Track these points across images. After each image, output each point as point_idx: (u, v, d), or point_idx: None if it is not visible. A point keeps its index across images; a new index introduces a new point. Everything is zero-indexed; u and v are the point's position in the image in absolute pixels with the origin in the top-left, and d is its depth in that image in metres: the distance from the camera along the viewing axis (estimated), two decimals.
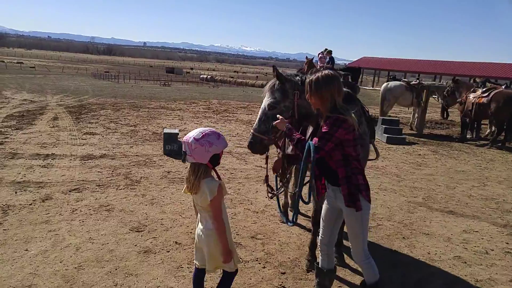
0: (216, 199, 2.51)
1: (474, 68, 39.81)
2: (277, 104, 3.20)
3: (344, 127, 2.63)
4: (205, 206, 2.54)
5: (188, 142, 2.48)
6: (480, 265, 4.22)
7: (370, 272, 2.96)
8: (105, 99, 17.31)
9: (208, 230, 2.58)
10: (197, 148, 2.46)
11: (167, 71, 64.30)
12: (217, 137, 2.55)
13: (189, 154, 2.49)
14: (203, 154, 2.49)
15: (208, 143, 2.48)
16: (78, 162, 6.88)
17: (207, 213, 2.58)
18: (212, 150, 2.50)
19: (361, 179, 2.77)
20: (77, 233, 4.21)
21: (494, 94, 11.28)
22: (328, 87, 2.69)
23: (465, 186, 7.33)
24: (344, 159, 2.73)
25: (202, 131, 2.53)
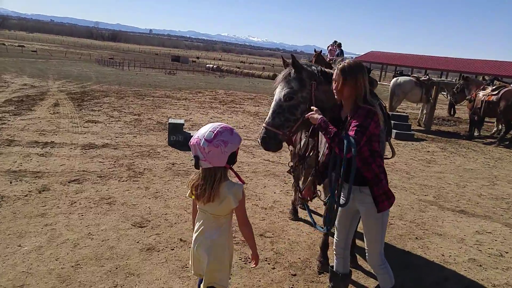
0: (241, 203, 2.24)
1: (481, 66, 39.25)
2: (294, 95, 2.95)
3: (375, 120, 2.47)
4: (222, 214, 2.25)
5: (200, 146, 2.13)
6: (496, 268, 4.04)
7: (385, 278, 2.80)
8: (109, 86, 17.08)
9: (211, 240, 2.26)
10: (211, 151, 2.13)
11: (173, 59, 63.96)
12: (231, 132, 2.21)
13: (203, 159, 2.15)
14: (220, 157, 2.16)
15: (223, 143, 2.15)
16: (78, 151, 6.67)
17: (218, 221, 2.27)
18: (229, 149, 2.17)
19: (385, 178, 2.63)
20: (75, 228, 4.00)
21: (504, 92, 11.16)
22: (362, 73, 2.54)
23: (475, 185, 7.13)
24: (371, 155, 2.56)
25: (212, 129, 2.17)
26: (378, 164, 2.59)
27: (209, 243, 2.26)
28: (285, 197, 5.57)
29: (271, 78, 39.71)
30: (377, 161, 2.59)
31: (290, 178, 6.35)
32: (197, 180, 2.24)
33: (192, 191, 2.26)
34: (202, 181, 2.19)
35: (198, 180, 2.22)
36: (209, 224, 2.28)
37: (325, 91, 2.94)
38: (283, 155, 7.80)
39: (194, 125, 9.89)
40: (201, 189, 2.19)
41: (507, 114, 11.14)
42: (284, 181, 6.27)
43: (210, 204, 2.21)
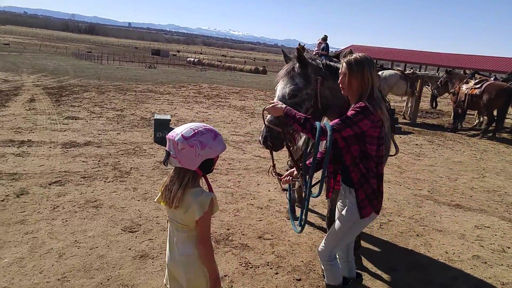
0: (206, 216, 1.93)
1: (459, 60, 40.05)
2: (299, 92, 2.73)
3: (371, 119, 2.27)
4: (189, 225, 1.96)
5: (174, 140, 1.88)
6: (501, 265, 3.96)
7: (330, 275, 2.68)
8: (87, 80, 16.45)
9: (187, 256, 1.97)
10: (184, 149, 1.87)
11: (153, 53, 62.84)
12: (213, 137, 1.94)
13: (173, 155, 1.89)
14: (192, 158, 1.89)
15: (200, 144, 1.88)
16: (59, 150, 6.27)
17: (186, 233, 1.98)
18: (204, 154, 1.90)
19: (375, 184, 2.43)
20: (59, 235, 3.67)
21: (487, 86, 11.32)
22: (370, 67, 2.36)
23: (466, 177, 7.14)
24: (362, 156, 2.38)
25: (194, 127, 1.93)
26: (366, 166, 2.39)
27: (185, 259, 1.98)
28: (280, 195, 5.37)
29: (253, 72, 39.47)
30: (367, 164, 2.39)
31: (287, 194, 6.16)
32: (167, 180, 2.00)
33: (162, 194, 1.99)
34: (170, 182, 1.95)
35: (168, 180, 1.99)
36: (181, 236, 1.99)
37: (330, 88, 2.75)
38: (278, 154, 7.60)
39: (179, 120, 9.56)
40: (167, 191, 1.94)
41: (490, 107, 11.32)
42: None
43: (175, 210, 1.94)
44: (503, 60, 37.81)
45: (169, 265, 2.06)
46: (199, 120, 9.90)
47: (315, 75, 2.74)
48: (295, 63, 2.79)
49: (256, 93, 17.83)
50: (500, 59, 38.50)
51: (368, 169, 2.40)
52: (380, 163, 2.44)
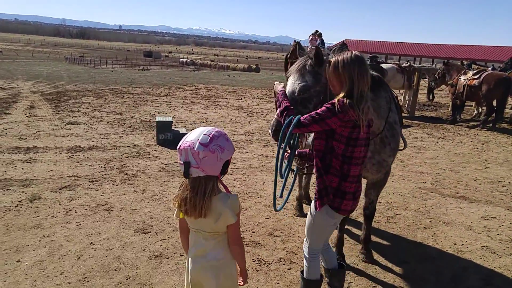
0: (238, 217, 1.94)
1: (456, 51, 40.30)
2: (308, 89, 2.77)
3: (340, 117, 2.23)
4: (220, 231, 1.94)
5: (194, 150, 1.81)
6: (510, 254, 4.04)
7: (307, 270, 2.73)
8: (83, 85, 16.40)
9: (217, 260, 1.96)
10: (206, 157, 1.82)
11: (145, 55, 62.61)
12: (226, 138, 1.93)
13: (195, 165, 1.82)
14: (215, 164, 1.85)
15: (220, 148, 1.86)
16: (65, 155, 6.29)
17: (216, 239, 1.96)
18: (225, 156, 1.89)
19: (334, 182, 2.39)
20: (75, 238, 3.72)
21: (485, 76, 11.31)
22: (348, 68, 2.28)
23: (468, 169, 7.21)
24: (327, 151, 2.38)
25: (207, 132, 1.88)
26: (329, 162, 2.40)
27: (216, 264, 1.96)
28: (286, 192, 5.40)
29: (246, 70, 39.48)
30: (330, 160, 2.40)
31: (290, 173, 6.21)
32: (184, 193, 1.91)
33: (180, 208, 1.92)
34: (191, 193, 1.87)
35: (186, 193, 1.90)
36: (209, 244, 1.96)
37: None
38: (276, 149, 7.65)
39: (180, 122, 9.59)
40: (190, 202, 1.86)
41: (489, 97, 11.33)
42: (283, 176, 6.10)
43: (203, 220, 1.88)
44: (499, 49, 38.10)
45: (194, 274, 1.99)
46: (199, 121, 9.94)
47: (324, 80, 2.72)
48: (307, 60, 2.82)
49: (253, 91, 17.87)
50: (496, 48, 38.79)
51: (330, 166, 2.38)
52: (349, 164, 2.36)
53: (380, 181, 3.58)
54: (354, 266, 3.61)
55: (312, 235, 2.62)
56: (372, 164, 3.26)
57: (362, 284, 3.34)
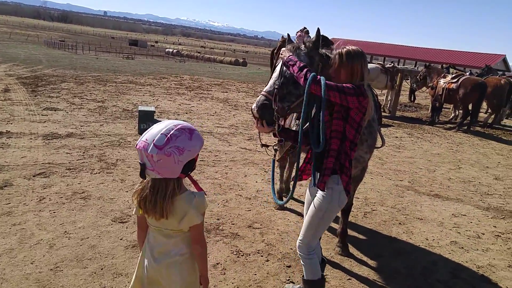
0: (203, 216, 1.84)
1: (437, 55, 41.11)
2: None
3: (360, 100, 2.33)
4: (183, 229, 1.83)
5: (147, 153, 1.65)
6: (477, 250, 4.20)
7: (308, 270, 2.66)
8: (63, 70, 15.98)
9: (180, 256, 1.87)
10: (161, 160, 1.65)
11: (130, 43, 61.40)
12: (189, 136, 1.73)
13: (150, 168, 1.68)
14: (172, 167, 1.69)
15: (177, 150, 1.67)
16: (40, 142, 6.12)
17: (179, 236, 1.86)
18: (184, 158, 1.71)
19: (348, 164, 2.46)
20: (48, 226, 3.63)
21: (463, 80, 11.68)
22: (361, 61, 2.45)
23: (443, 169, 7.42)
24: (343, 135, 2.42)
25: (166, 131, 1.69)
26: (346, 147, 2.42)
27: (180, 259, 1.87)
28: (267, 186, 5.45)
29: (233, 64, 39.28)
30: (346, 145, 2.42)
31: (271, 166, 6.24)
32: (143, 191, 1.77)
33: (140, 206, 1.78)
34: (151, 193, 1.73)
35: (146, 191, 1.76)
36: (170, 241, 1.86)
37: (326, 77, 2.82)
38: (259, 143, 7.67)
39: (163, 112, 9.48)
40: (150, 203, 1.73)
41: (466, 101, 11.72)
42: (264, 169, 6.14)
43: (165, 220, 1.76)
44: (478, 56, 39.12)
45: (152, 272, 1.88)
46: (183, 112, 9.85)
47: (318, 61, 2.78)
48: (300, 44, 2.81)
49: (239, 85, 17.81)
50: (475, 55, 39.80)
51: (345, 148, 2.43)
52: (353, 150, 2.46)
53: (356, 177, 3.65)
54: (330, 259, 3.67)
55: (318, 231, 2.57)
56: None
57: (338, 277, 3.41)
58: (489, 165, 8.07)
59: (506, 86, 12.77)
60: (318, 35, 2.75)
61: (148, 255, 1.90)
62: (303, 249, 2.60)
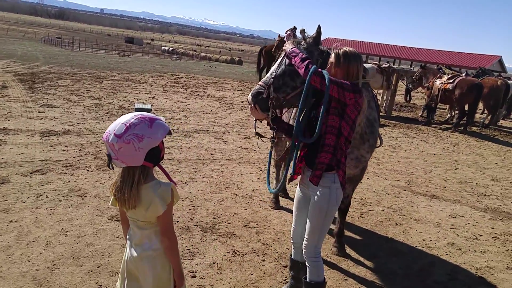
0: (168, 208, 1.84)
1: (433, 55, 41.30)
2: None
3: (356, 97, 2.38)
4: (152, 221, 1.86)
5: (109, 142, 1.73)
6: (474, 251, 4.21)
7: (314, 272, 2.65)
8: (60, 67, 15.90)
9: (153, 250, 1.90)
10: (122, 148, 1.72)
11: (127, 41, 61.11)
12: (149, 124, 1.78)
13: (114, 157, 1.75)
14: (133, 155, 1.74)
15: (136, 138, 1.72)
16: (37, 139, 6.09)
17: (151, 229, 1.89)
18: (145, 145, 1.75)
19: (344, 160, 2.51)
20: (45, 223, 3.62)
21: (459, 81, 11.71)
22: (356, 63, 2.49)
23: (440, 169, 7.45)
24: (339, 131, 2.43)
25: (125, 121, 1.76)
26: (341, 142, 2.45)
27: (152, 254, 1.90)
28: (263, 185, 5.45)
29: (228, 62, 39.20)
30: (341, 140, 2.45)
31: (267, 165, 6.24)
32: (116, 181, 1.86)
33: (115, 197, 1.86)
34: (121, 183, 1.80)
35: (117, 182, 1.84)
36: (145, 232, 1.89)
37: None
38: (255, 142, 7.67)
39: (159, 110, 9.45)
40: (120, 193, 1.80)
41: (461, 101, 11.75)
42: (260, 168, 6.14)
43: (134, 211, 1.83)
44: (473, 57, 39.33)
45: (130, 264, 1.93)
46: (178, 110, 9.83)
47: (317, 56, 2.86)
48: (301, 40, 2.90)
49: (234, 84, 17.79)
50: (471, 55, 40.02)
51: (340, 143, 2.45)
52: (347, 147, 2.52)
53: (356, 177, 3.66)
54: (327, 259, 3.68)
55: (323, 231, 2.57)
56: (350, 159, 3.32)
57: (334, 277, 3.41)
58: (486, 166, 8.12)
59: (502, 87, 12.85)
60: (319, 31, 2.82)
61: (128, 246, 1.96)
62: (311, 251, 2.60)
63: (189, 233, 3.82)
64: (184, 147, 6.64)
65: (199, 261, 3.36)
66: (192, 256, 3.42)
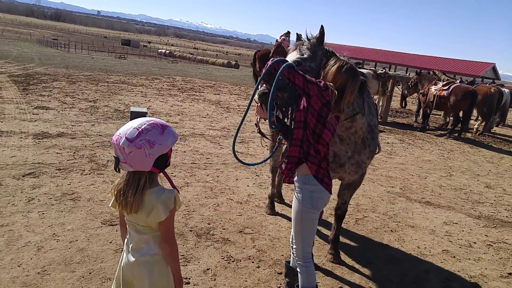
0: (170, 214, 1.83)
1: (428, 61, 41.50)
2: (303, 62, 2.89)
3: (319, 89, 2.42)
4: (152, 226, 1.85)
5: (119, 145, 1.72)
6: (468, 259, 4.20)
7: (304, 278, 2.64)
8: (55, 69, 15.81)
9: (151, 256, 1.88)
10: (133, 153, 1.71)
11: (123, 43, 61.13)
12: (161, 131, 1.79)
13: (123, 160, 1.74)
14: (143, 160, 1.74)
15: (148, 144, 1.73)
16: (30, 141, 6.03)
17: (150, 234, 1.87)
18: (155, 151, 1.76)
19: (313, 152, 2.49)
20: (36, 228, 3.56)
21: (454, 88, 11.81)
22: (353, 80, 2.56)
23: (435, 176, 7.46)
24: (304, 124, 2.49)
25: (138, 125, 1.76)
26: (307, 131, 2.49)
27: (150, 259, 1.87)
28: (259, 190, 5.43)
29: (225, 66, 39.25)
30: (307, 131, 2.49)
31: (262, 170, 6.23)
32: (119, 184, 1.84)
33: (116, 199, 1.84)
34: (125, 186, 1.80)
35: (121, 184, 1.83)
36: (144, 237, 1.87)
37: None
38: (251, 146, 7.65)
39: (155, 113, 9.41)
40: (124, 196, 1.79)
41: (456, 108, 11.84)
42: (256, 173, 6.12)
43: (135, 215, 1.82)
44: (468, 64, 39.66)
45: (127, 271, 1.90)
46: (174, 113, 9.79)
47: (321, 55, 2.94)
48: (305, 41, 3.00)
49: (231, 87, 17.78)
50: (465, 62, 40.34)
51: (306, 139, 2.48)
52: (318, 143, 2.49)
53: (355, 183, 3.66)
54: (321, 266, 3.65)
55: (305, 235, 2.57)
56: (351, 164, 3.31)
57: (329, 284, 3.39)
58: (480, 173, 8.15)
59: (496, 95, 12.96)
60: (322, 31, 2.89)
61: (125, 251, 1.94)
62: (299, 256, 2.61)
63: (184, 238, 3.78)
64: (180, 151, 6.60)
65: (193, 267, 3.32)
66: (186, 262, 3.38)
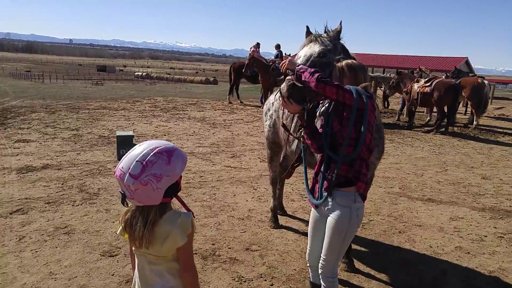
0: (189, 239, 1.66)
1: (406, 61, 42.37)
2: (328, 53, 2.76)
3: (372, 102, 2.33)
4: (167, 256, 1.67)
5: (124, 183, 1.56)
6: (483, 254, 4.11)
7: None
8: (31, 101, 15.34)
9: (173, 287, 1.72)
10: (139, 190, 1.56)
11: (99, 69, 60.61)
12: (167, 161, 1.60)
13: (130, 197, 1.60)
14: (151, 195, 1.58)
15: (154, 178, 1.56)
16: (14, 176, 5.72)
17: (163, 265, 1.69)
18: (164, 184, 1.59)
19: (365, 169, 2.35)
20: (31, 268, 3.30)
21: (436, 84, 11.97)
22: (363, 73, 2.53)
23: (430, 172, 7.44)
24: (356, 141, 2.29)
25: (141, 157, 1.57)
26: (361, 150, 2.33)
27: None
28: (259, 204, 5.26)
29: (204, 83, 39.24)
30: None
31: (259, 183, 6.07)
32: (127, 213, 1.68)
33: (125, 229, 1.68)
34: (133, 218, 1.63)
35: (128, 215, 1.67)
36: (156, 268, 1.70)
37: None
38: (243, 160, 7.50)
39: (140, 136, 9.16)
40: (130, 227, 1.63)
41: (440, 103, 11.99)
42: (253, 187, 5.95)
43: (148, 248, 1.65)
44: (442, 60, 40.71)
45: None
46: (161, 134, 9.56)
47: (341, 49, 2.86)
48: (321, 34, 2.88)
49: (214, 103, 17.62)
50: (439, 59, 41.39)
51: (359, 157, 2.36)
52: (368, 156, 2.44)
53: None
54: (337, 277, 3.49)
55: (341, 251, 2.47)
56: None
57: None
58: (474, 165, 8.18)
59: (483, 85, 13.21)
60: (341, 26, 2.84)
61: (136, 284, 1.77)
62: (329, 271, 2.49)
63: None
64: None
65: None
66: None
